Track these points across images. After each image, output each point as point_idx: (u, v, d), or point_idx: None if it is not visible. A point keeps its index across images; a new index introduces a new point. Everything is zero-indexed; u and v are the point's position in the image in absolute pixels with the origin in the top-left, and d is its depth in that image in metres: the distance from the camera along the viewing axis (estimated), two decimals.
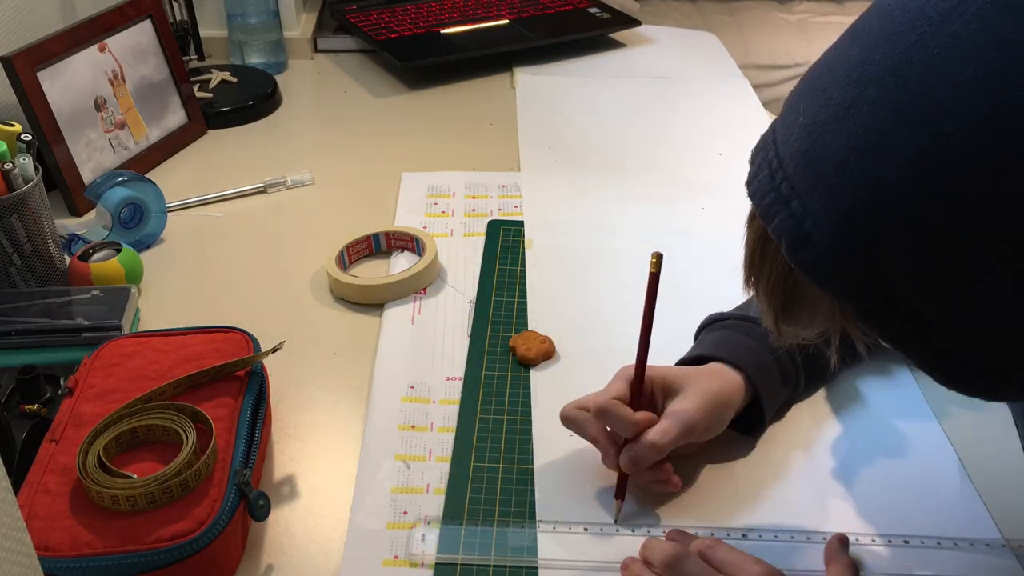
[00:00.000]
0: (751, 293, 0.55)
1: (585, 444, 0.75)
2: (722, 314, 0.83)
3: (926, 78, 0.42)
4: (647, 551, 0.65)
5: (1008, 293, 0.43)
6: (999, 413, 0.77)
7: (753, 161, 0.52)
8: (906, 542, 0.69)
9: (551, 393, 0.83)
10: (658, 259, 0.69)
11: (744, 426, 0.77)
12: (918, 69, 0.43)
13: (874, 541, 0.69)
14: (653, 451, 0.69)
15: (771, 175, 0.49)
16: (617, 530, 0.70)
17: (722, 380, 0.74)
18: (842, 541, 0.67)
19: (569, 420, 0.74)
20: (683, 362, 0.79)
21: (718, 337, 0.79)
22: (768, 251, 0.51)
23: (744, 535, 0.70)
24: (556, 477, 0.75)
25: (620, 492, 0.72)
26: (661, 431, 0.69)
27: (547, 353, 0.88)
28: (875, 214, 0.44)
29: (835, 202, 0.45)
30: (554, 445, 0.78)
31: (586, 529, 0.71)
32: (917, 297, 0.45)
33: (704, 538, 0.66)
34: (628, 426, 0.69)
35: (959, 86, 0.41)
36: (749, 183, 0.51)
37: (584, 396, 0.74)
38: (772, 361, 0.76)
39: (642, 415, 0.70)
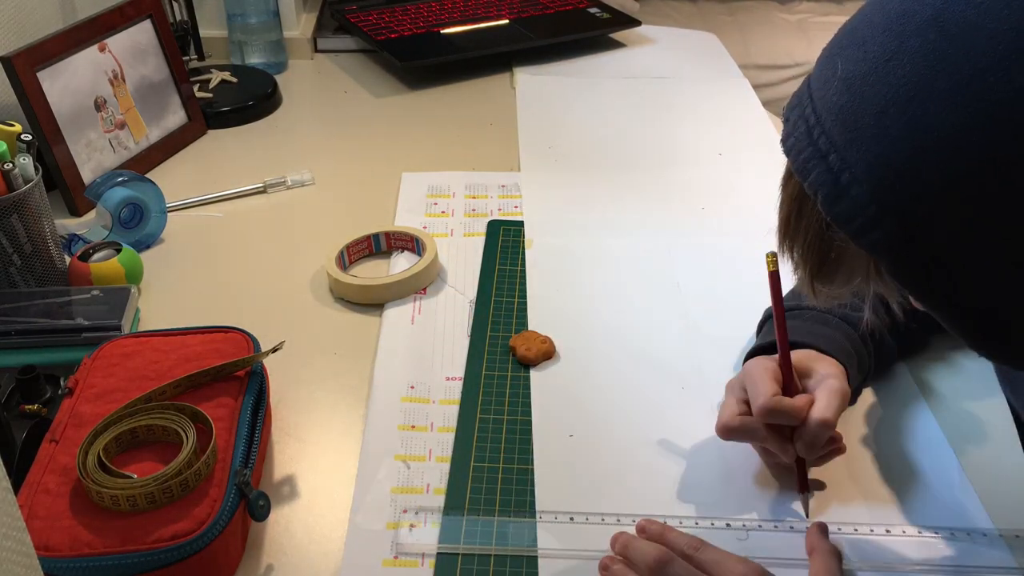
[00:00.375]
0: (785, 257, 0.55)
1: (584, 442, 0.75)
2: (795, 304, 0.82)
3: (969, 26, 0.43)
4: (629, 551, 0.65)
5: None
6: (992, 401, 0.77)
7: (788, 119, 0.52)
8: (888, 531, 0.69)
9: (551, 393, 0.83)
10: (774, 257, 0.69)
11: None
12: (960, 18, 0.43)
13: (856, 531, 0.69)
14: (825, 428, 0.69)
15: (808, 131, 0.50)
16: (618, 520, 0.70)
17: (832, 363, 0.74)
18: (822, 529, 0.68)
19: (735, 431, 0.71)
20: (763, 349, 0.78)
21: (797, 327, 0.79)
22: (805, 210, 0.51)
23: (728, 524, 0.70)
24: (556, 476, 0.75)
25: (804, 484, 0.71)
26: (824, 407, 0.69)
27: (547, 353, 0.88)
28: (915, 164, 0.44)
29: (874, 154, 0.46)
30: (552, 445, 0.78)
31: (587, 519, 0.71)
32: (955, 254, 0.45)
33: (686, 536, 0.66)
34: (797, 413, 0.69)
35: (1002, 33, 0.41)
36: (784, 140, 0.52)
37: (727, 404, 0.72)
38: (852, 348, 0.77)
39: (801, 398, 0.70)
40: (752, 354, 0.78)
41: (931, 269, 0.46)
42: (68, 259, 0.97)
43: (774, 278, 0.71)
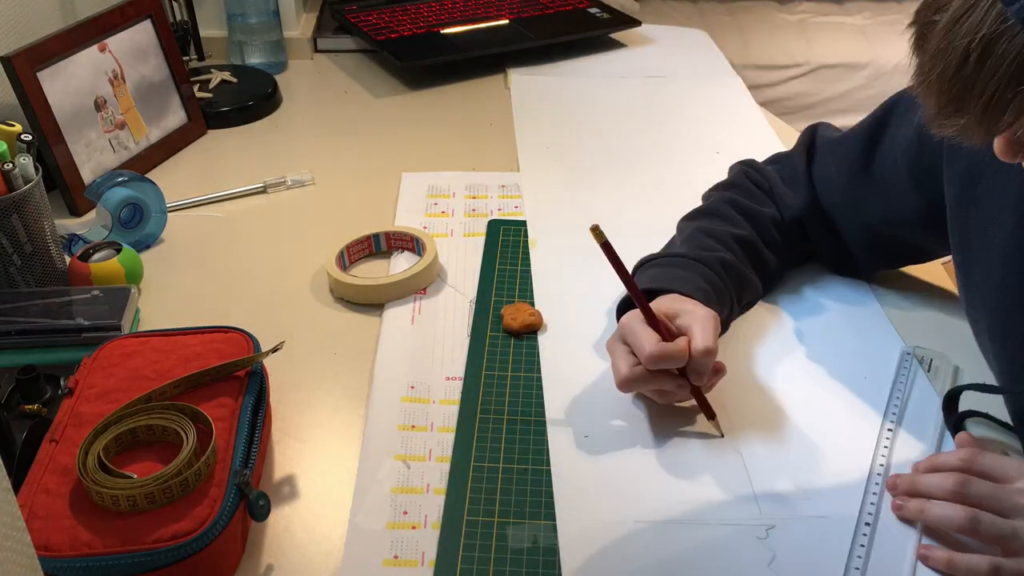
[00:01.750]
0: (939, 121, 0.54)
1: (601, 441, 0.75)
2: (651, 255, 0.91)
3: None
4: (917, 488, 0.69)
5: None
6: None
7: None
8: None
9: (560, 388, 0.84)
10: (597, 228, 0.76)
11: None
12: None
13: None
14: (709, 355, 0.76)
15: None
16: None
17: (691, 300, 0.82)
18: (968, 438, 0.73)
19: (631, 381, 0.77)
20: (629, 303, 0.84)
21: (656, 274, 0.87)
22: (994, 49, 0.48)
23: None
24: (572, 475, 0.75)
25: (709, 411, 0.79)
26: (701, 338, 0.76)
27: (531, 325, 0.90)
28: None
29: None
30: (566, 442, 0.78)
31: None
32: None
33: (954, 453, 0.70)
34: (680, 354, 0.75)
35: None
36: None
37: (618, 361, 0.78)
38: (707, 285, 0.85)
39: (681, 339, 0.77)
40: (621, 310, 0.85)
41: None
42: (68, 259, 0.97)
43: (607, 248, 0.76)
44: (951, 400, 0.78)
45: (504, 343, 0.90)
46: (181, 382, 0.74)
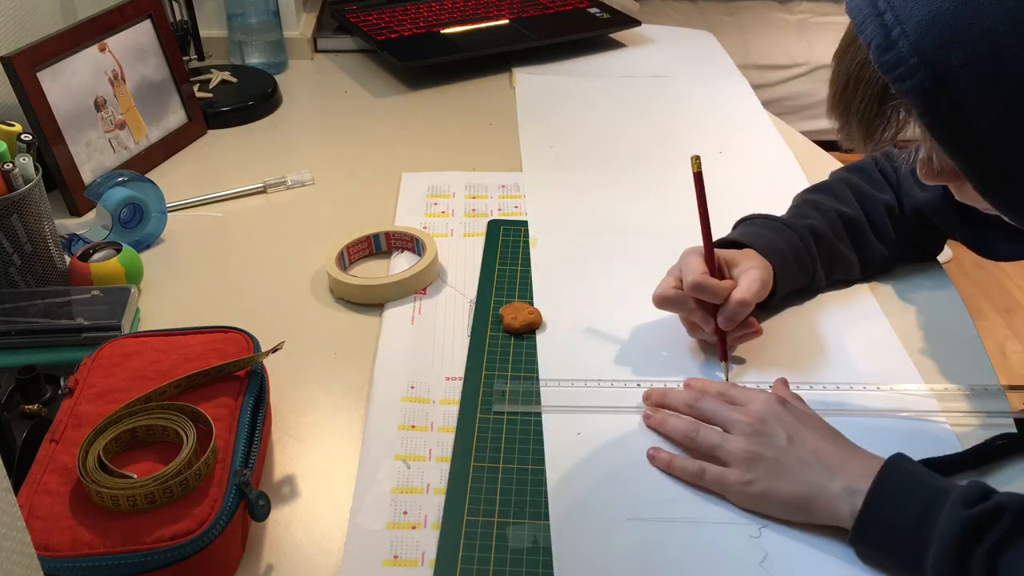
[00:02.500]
0: (834, 122, 0.66)
1: (595, 439, 0.75)
2: (752, 215, 0.96)
3: None
4: (667, 399, 0.79)
5: None
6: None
7: None
8: (837, 387, 0.83)
9: (559, 387, 0.84)
10: (698, 159, 0.84)
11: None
12: None
13: (812, 387, 0.83)
14: (743, 307, 0.83)
15: None
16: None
17: (760, 259, 0.88)
18: (785, 383, 0.81)
19: (667, 300, 0.85)
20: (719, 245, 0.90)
21: (745, 231, 0.92)
22: (864, 75, 0.61)
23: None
24: (566, 473, 0.76)
25: (723, 354, 0.84)
26: (744, 289, 0.83)
27: (531, 324, 0.91)
28: (958, 24, 0.55)
29: (922, 14, 0.56)
30: (565, 441, 0.78)
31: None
32: (973, 99, 0.55)
33: (716, 382, 0.80)
34: (720, 291, 0.83)
35: None
36: (848, 2, 0.62)
37: (665, 281, 0.86)
38: (788, 249, 0.89)
39: (726, 282, 0.84)
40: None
41: (951, 113, 0.57)
42: (68, 259, 0.97)
43: (698, 178, 0.84)
44: None
45: (504, 343, 0.90)
46: (181, 382, 0.74)
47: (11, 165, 0.88)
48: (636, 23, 1.60)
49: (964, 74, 0.55)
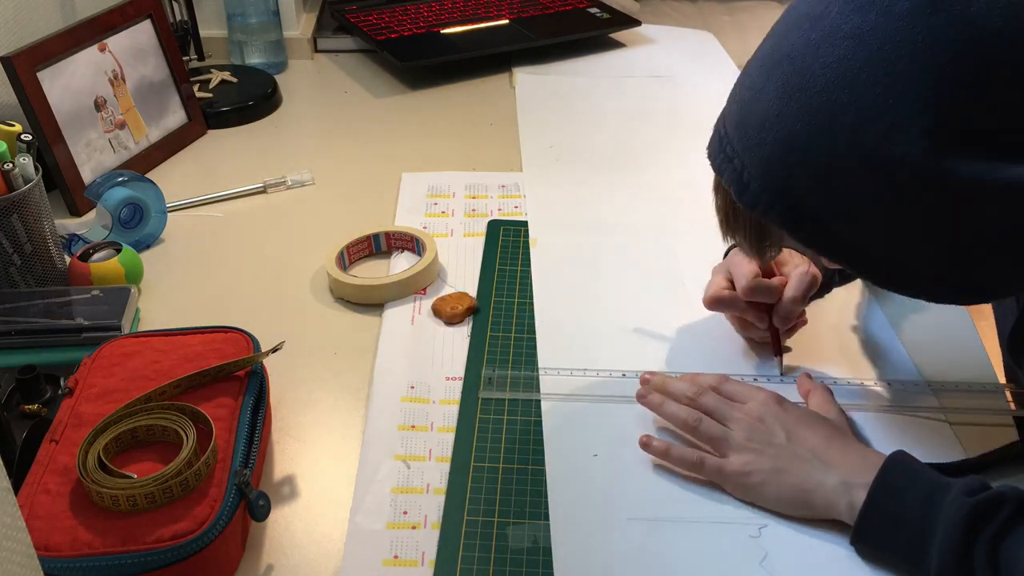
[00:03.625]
0: (727, 242, 0.73)
1: (595, 437, 0.75)
2: None
3: (808, 60, 0.60)
4: (666, 387, 0.80)
5: (873, 205, 0.60)
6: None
7: (713, 133, 0.70)
8: (856, 383, 0.85)
9: (558, 387, 0.84)
10: None
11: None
12: (803, 53, 0.60)
13: (836, 382, 0.85)
14: (796, 304, 0.85)
15: (719, 141, 0.68)
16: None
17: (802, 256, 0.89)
18: (809, 376, 0.84)
19: (720, 301, 0.87)
20: None
21: None
22: (739, 209, 0.68)
23: (742, 378, 0.83)
24: (566, 473, 0.76)
25: (778, 349, 0.87)
26: (796, 286, 0.84)
27: (470, 308, 0.93)
28: (787, 160, 0.62)
29: (760, 157, 0.63)
30: (565, 442, 0.78)
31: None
32: (824, 216, 0.62)
33: (712, 376, 0.81)
34: (775, 291, 0.85)
35: (830, 64, 0.59)
36: (707, 148, 0.70)
37: (714, 281, 0.88)
38: None
39: (778, 279, 0.86)
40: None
41: (814, 228, 0.63)
42: (68, 259, 0.97)
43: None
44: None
45: (504, 343, 0.90)
46: (181, 382, 0.74)
47: (11, 165, 0.88)
48: (636, 23, 1.60)
49: (810, 196, 0.62)
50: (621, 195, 1.15)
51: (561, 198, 1.14)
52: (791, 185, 0.62)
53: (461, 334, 0.91)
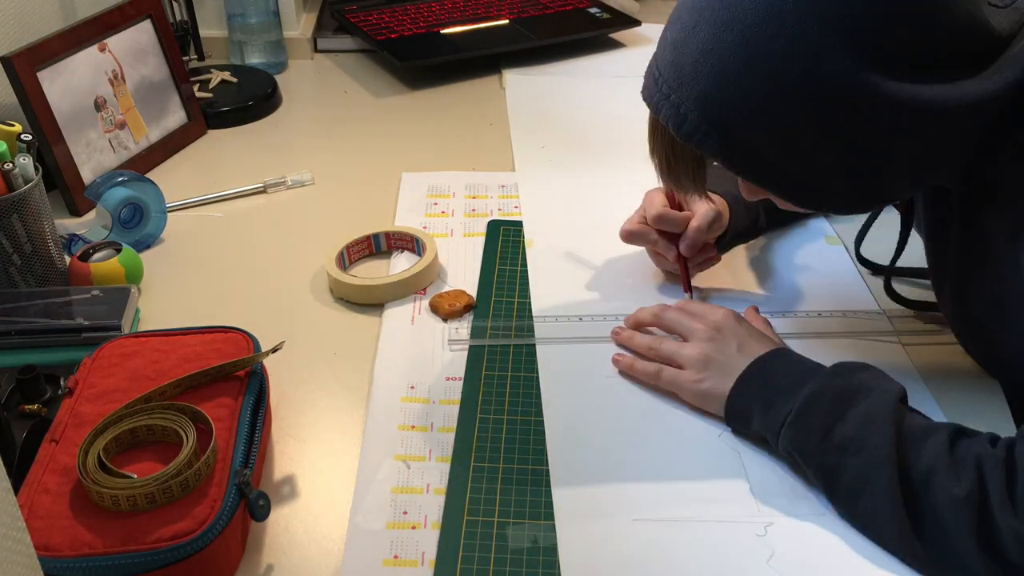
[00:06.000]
0: (662, 183, 0.81)
1: (595, 436, 0.75)
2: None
3: None
4: (635, 317, 0.88)
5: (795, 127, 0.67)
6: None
7: (645, 77, 0.75)
8: (795, 314, 0.92)
9: (558, 387, 0.84)
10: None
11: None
12: None
13: (771, 315, 0.90)
14: (701, 233, 0.92)
15: (655, 83, 0.73)
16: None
17: (716, 197, 0.96)
18: (755, 308, 0.90)
19: (632, 233, 0.95)
20: None
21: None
22: (678, 151, 0.75)
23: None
24: (571, 474, 0.76)
25: (687, 285, 0.94)
26: (700, 218, 0.92)
27: (469, 305, 0.94)
28: (723, 92, 0.67)
29: (697, 90, 0.69)
30: (565, 443, 0.78)
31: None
32: (758, 140, 0.68)
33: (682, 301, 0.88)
34: (680, 221, 0.92)
35: (758, 3, 0.65)
36: (642, 92, 0.75)
37: (630, 217, 0.95)
38: (738, 192, 0.92)
39: (685, 212, 0.93)
40: None
41: (745, 155, 0.70)
42: (68, 259, 0.97)
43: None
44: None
45: (504, 343, 0.90)
46: (181, 382, 0.74)
47: (11, 165, 0.88)
48: (636, 23, 1.60)
49: (745, 124, 0.68)
50: (615, 195, 1.14)
51: (555, 198, 1.14)
52: (726, 115, 0.68)
53: (462, 334, 0.91)
